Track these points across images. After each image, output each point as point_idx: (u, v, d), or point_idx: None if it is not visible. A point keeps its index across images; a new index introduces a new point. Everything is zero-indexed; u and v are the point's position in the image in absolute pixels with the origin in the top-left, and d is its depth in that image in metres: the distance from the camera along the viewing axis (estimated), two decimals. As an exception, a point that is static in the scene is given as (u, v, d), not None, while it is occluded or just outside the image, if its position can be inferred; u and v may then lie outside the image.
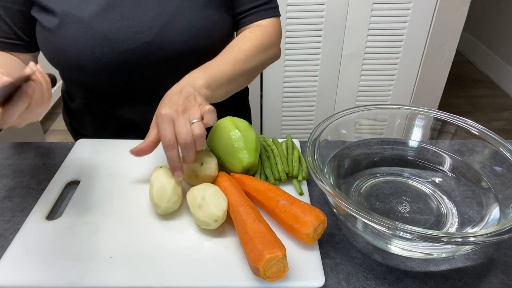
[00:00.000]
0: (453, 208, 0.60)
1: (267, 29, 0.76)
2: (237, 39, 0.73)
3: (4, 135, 1.72)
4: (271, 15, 0.78)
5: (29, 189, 0.66)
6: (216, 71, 0.65)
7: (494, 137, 0.62)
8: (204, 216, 0.54)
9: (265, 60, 0.75)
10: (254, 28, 0.76)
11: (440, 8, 1.54)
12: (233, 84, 0.69)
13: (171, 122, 0.55)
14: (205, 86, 0.62)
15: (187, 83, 0.61)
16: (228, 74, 0.66)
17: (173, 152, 0.55)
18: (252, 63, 0.71)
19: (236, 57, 0.69)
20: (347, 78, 1.71)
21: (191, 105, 0.57)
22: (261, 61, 0.74)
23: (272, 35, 0.76)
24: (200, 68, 0.65)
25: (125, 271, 0.50)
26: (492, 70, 2.78)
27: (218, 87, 0.65)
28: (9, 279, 0.49)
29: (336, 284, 0.51)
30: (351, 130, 0.69)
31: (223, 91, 0.67)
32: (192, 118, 0.56)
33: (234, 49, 0.70)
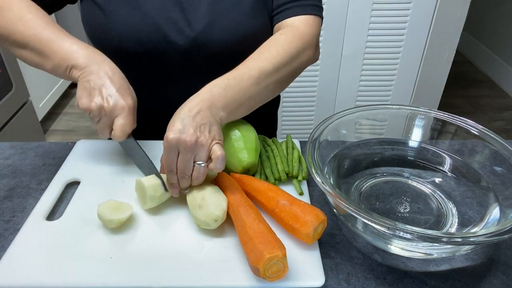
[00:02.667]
0: (453, 208, 0.60)
1: (300, 29, 0.68)
2: (266, 43, 0.66)
3: (4, 135, 1.72)
4: (308, 13, 0.70)
5: (29, 189, 0.66)
6: (238, 89, 0.60)
7: (494, 137, 0.62)
8: (204, 216, 0.54)
9: (297, 66, 0.67)
10: (287, 29, 0.68)
11: (440, 8, 1.54)
12: (256, 100, 0.63)
13: (176, 151, 0.54)
14: (224, 108, 0.58)
15: (206, 101, 0.56)
16: (251, 91, 0.61)
17: (173, 177, 0.56)
18: (281, 73, 0.64)
19: (262, 67, 0.62)
20: (347, 78, 1.71)
21: (202, 141, 0.54)
22: (292, 69, 0.66)
23: (306, 36, 0.68)
24: (222, 82, 0.59)
25: (124, 271, 0.50)
26: (492, 70, 2.78)
27: (238, 107, 0.60)
28: (9, 279, 0.49)
29: (336, 284, 0.51)
30: (351, 130, 0.69)
31: (243, 110, 0.62)
32: (198, 159, 0.55)
33: (261, 56, 0.64)
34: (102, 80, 0.57)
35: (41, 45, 0.60)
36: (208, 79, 0.60)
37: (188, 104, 0.56)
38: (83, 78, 0.58)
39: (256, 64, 0.62)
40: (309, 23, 0.70)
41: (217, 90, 0.58)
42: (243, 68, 0.62)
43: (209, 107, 0.56)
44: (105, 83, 0.57)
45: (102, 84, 0.57)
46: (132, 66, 0.71)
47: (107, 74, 0.58)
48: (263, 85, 0.62)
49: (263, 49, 0.65)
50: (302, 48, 0.67)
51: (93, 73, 0.58)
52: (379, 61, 1.68)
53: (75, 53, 0.59)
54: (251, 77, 0.61)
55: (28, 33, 0.60)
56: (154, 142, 0.74)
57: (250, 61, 0.63)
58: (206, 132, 0.54)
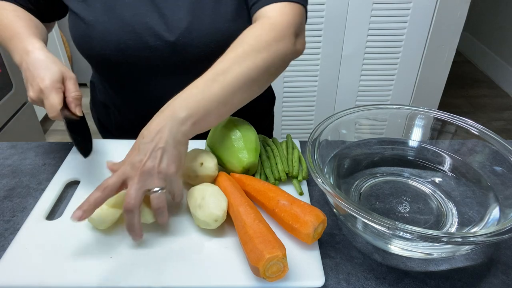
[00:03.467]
0: (453, 208, 0.60)
1: (272, 20, 0.62)
2: (234, 42, 0.61)
3: (4, 135, 1.72)
4: (280, 0, 0.63)
5: (29, 189, 0.66)
6: (201, 96, 0.55)
7: (494, 137, 0.62)
8: (204, 216, 0.54)
9: (270, 61, 0.60)
10: (258, 22, 0.63)
11: (440, 8, 1.54)
12: (228, 105, 0.58)
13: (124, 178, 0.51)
14: (187, 119, 0.53)
15: (167, 118, 0.53)
16: (218, 96, 0.55)
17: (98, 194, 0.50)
18: (251, 70, 0.58)
19: (226, 68, 0.57)
20: (347, 78, 1.71)
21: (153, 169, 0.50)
22: (264, 65, 0.59)
23: (278, 26, 0.61)
24: (185, 91, 0.56)
25: (124, 271, 0.50)
26: (492, 70, 2.78)
27: (205, 116, 0.55)
28: (9, 279, 0.49)
29: (336, 284, 0.51)
30: (351, 130, 0.69)
31: (213, 118, 0.57)
32: (151, 186, 0.51)
33: (226, 57, 0.59)
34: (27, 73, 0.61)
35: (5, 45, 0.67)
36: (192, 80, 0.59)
37: (150, 126, 0.53)
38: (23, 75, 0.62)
39: (220, 66, 0.57)
40: (284, 11, 0.63)
41: (178, 101, 0.55)
42: (207, 74, 0.57)
43: (170, 125, 0.52)
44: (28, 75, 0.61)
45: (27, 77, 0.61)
46: (116, 72, 0.72)
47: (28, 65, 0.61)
48: (231, 87, 0.56)
49: (230, 49, 0.60)
50: (273, 40, 0.60)
51: (23, 69, 0.62)
52: (379, 61, 1.68)
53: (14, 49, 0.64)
54: (216, 81, 0.56)
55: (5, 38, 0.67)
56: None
57: (215, 65, 0.58)
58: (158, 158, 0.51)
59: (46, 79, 0.59)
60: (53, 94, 0.59)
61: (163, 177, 0.51)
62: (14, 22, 0.67)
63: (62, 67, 0.62)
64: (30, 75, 0.60)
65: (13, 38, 0.65)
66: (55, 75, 0.60)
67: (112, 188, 0.50)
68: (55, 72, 0.60)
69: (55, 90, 0.59)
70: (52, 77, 0.59)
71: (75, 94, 0.62)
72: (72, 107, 0.61)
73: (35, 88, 0.59)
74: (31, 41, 0.64)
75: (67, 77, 0.62)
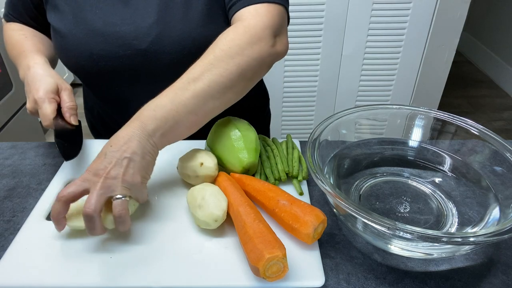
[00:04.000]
0: (453, 208, 0.60)
1: (246, 23, 0.60)
2: (208, 48, 0.59)
3: (4, 135, 1.72)
4: (257, 2, 0.61)
5: (29, 189, 0.66)
6: (169, 107, 0.53)
7: (494, 137, 0.62)
8: (204, 216, 0.54)
9: (244, 65, 0.57)
10: (232, 26, 0.61)
11: (440, 8, 1.54)
12: (200, 114, 0.56)
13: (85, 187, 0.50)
14: (155, 131, 0.53)
15: (136, 129, 0.52)
16: (188, 105, 0.54)
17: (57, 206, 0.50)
18: (222, 77, 0.56)
19: (197, 76, 0.55)
20: (347, 78, 1.71)
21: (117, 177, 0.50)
22: (238, 70, 0.57)
23: (253, 29, 0.59)
24: (154, 102, 0.54)
25: (125, 271, 0.50)
26: (492, 70, 2.78)
27: (174, 127, 0.54)
28: (9, 279, 0.49)
29: (336, 284, 0.51)
30: (351, 130, 0.69)
31: (184, 129, 0.56)
32: (113, 193, 0.50)
33: (196, 64, 0.57)
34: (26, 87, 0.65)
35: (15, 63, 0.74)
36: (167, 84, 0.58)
37: (118, 134, 0.52)
38: None
39: (191, 74, 0.55)
40: (258, 13, 0.60)
41: (146, 113, 0.53)
42: (178, 82, 0.56)
43: (139, 136, 0.52)
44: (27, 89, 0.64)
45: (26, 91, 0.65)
46: (93, 81, 0.74)
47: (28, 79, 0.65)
48: (202, 96, 0.55)
49: (202, 56, 0.58)
50: (247, 44, 0.57)
51: (25, 83, 0.66)
52: (379, 61, 1.68)
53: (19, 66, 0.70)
54: (186, 90, 0.54)
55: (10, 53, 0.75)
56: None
57: (186, 73, 0.56)
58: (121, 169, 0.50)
59: (40, 90, 0.62)
60: (45, 104, 0.61)
61: (128, 186, 0.50)
62: (20, 41, 0.73)
63: (58, 79, 0.65)
64: (28, 88, 0.64)
65: (20, 56, 0.71)
66: (49, 86, 0.63)
67: (68, 197, 0.50)
68: (49, 84, 0.63)
69: (48, 100, 0.62)
70: (45, 88, 0.63)
71: (70, 105, 0.64)
72: (67, 116, 0.64)
73: (31, 99, 0.63)
74: (33, 57, 0.68)
75: (62, 88, 0.65)
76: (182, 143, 0.73)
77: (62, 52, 0.71)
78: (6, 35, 0.77)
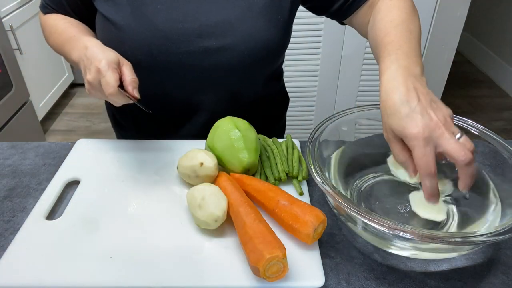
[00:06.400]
0: (453, 208, 0.60)
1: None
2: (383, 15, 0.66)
3: (4, 135, 1.72)
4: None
5: (29, 189, 0.66)
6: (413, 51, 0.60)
7: (494, 137, 0.62)
8: (204, 216, 0.54)
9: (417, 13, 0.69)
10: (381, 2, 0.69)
11: (440, 8, 1.54)
12: None
13: (433, 145, 0.49)
14: (421, 72, 0.57)
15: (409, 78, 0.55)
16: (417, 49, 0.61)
17: (433, 182, 0.49)
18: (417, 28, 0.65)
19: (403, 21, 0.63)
20: (347, 78, 1.71)
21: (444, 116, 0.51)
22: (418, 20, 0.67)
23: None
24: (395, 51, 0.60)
25: (125, 271, 0.50)
26: (492, 70, 2.78)
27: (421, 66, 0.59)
28: (9, 279, 0.49)
29: (336, 284, 0.51)
30: (351, 130, 0.69)
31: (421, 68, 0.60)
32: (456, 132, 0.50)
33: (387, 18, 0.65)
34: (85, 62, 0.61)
35: (62, 50, 0.72)
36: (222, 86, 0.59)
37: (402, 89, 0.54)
38: (81, 68, 0.63)
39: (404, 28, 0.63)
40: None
41: (402, 59, 0.57)
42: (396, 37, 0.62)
43: (414, 80, 0.54)
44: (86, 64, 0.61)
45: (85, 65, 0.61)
46: (147, 77, 0.72)
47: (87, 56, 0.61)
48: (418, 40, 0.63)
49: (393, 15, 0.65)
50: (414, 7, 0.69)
51: (83, 60, 0.62)
52: (379, 61, 1.67)
53: (73, 50, 0.66)
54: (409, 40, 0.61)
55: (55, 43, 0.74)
56: (149, 141, 0.74)
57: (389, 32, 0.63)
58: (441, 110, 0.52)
59: (103, 60, 0.59)
60: (109, 72, 0.58)
61: None
62: (67, 28, 0.72)
63: (118, 54, 0.62)
64: (87, 61, 0.61)
65: (70, 41, 0.69)
66: (112, 57, 0.60)
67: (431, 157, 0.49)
68: (111, 56, 0.61)
69: (111, 69, 0.59)
70: (108, 59, 0.60)
71: (132, 78, 0.61)
72: (129, 89, 0.61)
73: (93, 69, 0.59)
74: (89, 39, 0.66)
75: (123, 63, 0.62)
76: (182, 143, 0.73)
77: (116, 44, 0.70)
78: (48, 25, 0.76)
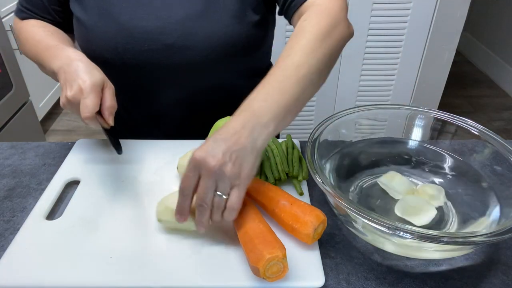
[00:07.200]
0: (453, 208, 0.60)
1: (324, 6, 0.61)
2: (293, 36, 0.58)
3: (4, 135, 1.72)
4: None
5: (29, 189, 0.66)
6: (279, 96, 0.52)
7: (494, 137, 0.62)
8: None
9: (332, 47, 0.58)
10: (309, 11, 0.61)
11: (440, 8, 1.54)
12: (301, 101, 0.55)
13: (197, 174, 0.48)
14: (271, 121, 0.50)
15: (249, 121, 0.49)
16: (294, 92, 0.53)
17: (185, 201, 0.50)
18: (317, 60, 0.56)
19: (296, 62, 0.54)
20: (347, 78, 1.71)
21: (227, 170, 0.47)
22: (328, 52, 0.58)
23: (333, 11, 0.61)
24: (260, 93, 0.52)
25: (125, 271, 0.50)
26: (492, 70, 2.78)
27: (286, 115, 0.52)
28: (9, 279, 0.49)
29: (336, 284, 0.51)
30: (351, 130, 0.69)
31: (292, 116, 0.54)
32: (219, 189, 0.48)
33: (291, 51, 0.56)
34: (67, 75, 0.59)
35: (39, 58, 0.68)
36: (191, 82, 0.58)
37: (228, 124, 0.50)
38: (59, 79, 0.61)
39: (289, 61, 0.55)
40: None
41: (257, 104, 0.51)
42: (277, 70, 0.54)
43: (252, 127, 0.49)
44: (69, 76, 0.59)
45: (66, 78, 0.59)
46: (117, 74, 0.72)
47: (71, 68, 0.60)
48: (304, 81, 0.54)
49: (291, 42, 0.57)
50: (331, 26, 0.59)
51: (63, 72, 0.60)
52: (379, 61, 1.67)
53: (53, 58, 0.63)
54: (289, 77, 0.53)
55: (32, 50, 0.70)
56: (149, 141, 0.74)
57: (281, 61, 0.56)
58: (237, 164, 0.47)
59: (87, 81, 0.58)
60: (91, 96, 0.57)
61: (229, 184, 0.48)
62: (47, 36, 0.70)
63: (103, 75, 0.61)
64: (70, 77, 0.59)
65: (50, 49, 0.66)
66: (97, 79, 0.59)
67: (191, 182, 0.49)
68: (97, 77, 0.60)
69: (94, 93, 0.58)
70: (94, 81, 0.59)
71: (111, 104, 0.60)
72: (105, 115, 0.60)
73: (75, 88, 0.58)
74: (73, 51, 0.64)
75: (107, 86, 0.61)
76: (182, 143, 0.73)
77: (86, 44, 0.71)
78: (25, 31, 0.73)
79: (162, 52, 0.70)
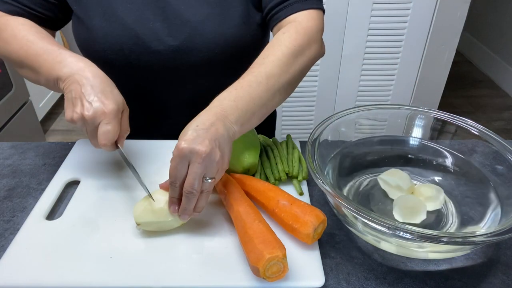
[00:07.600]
0: (453, 208, 0.60)
1: (303, 24, 0.64)
2: (269, 46, 0.63)
3: (4, 135, 1.72)
4: (309, 7, 0.66)
5: (29, 189, 0.66)
6: (248, 98, 0.56)
7: (494, 137, 0.62)
8: None
9: (304, 64, 0.63)
10: (289, 26, 0.65)
11: (440, 8, 1.54)
12: (268, 108, 0.59)
13: (187, 163, 0.50)
14: (237, 121, 0.54)
15: (218, 116, 0.53)
16: (262, 98, 0.57)
17: (175, 191, 0.52)
18: (289, 73, 0.61)
19: (269, 71, 0.59)
20: (347, 78, 1.71)
21: (216, 156, 0.50)
22: (300, 67, 0.62)
23: (310, 31, 0.64)
24: (231, 93, 0.56)
25: (125, 271, 0.50)
26: (492, 70, 2.78)
27: (251, 118, 0.57)
28: (9, 279, 0.49)
29: (336, 284, 0.51)
30: (351, 130, 0.69)
31: (256, 120, 0.58)
32: (208, 174, 0.50)
33: (266, 60, 0.60)
34: (83, 88, 0.55)
35: (31, 61, 0.61)
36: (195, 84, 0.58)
37: (200, 118, 0.52)
38: (67, 88, 0.57)
39: (263, 69, 0.59)
40: (312, 16, 0.66)
41: (227, 103, 0.54)
42: (249, 76, 0.58)
43: (222, 122, 0.52)
44: (86, 90, 0.55)
45: (82, 92, 0.55)
46: (120, 76, 0.71)
47: (88, 81, 0.55)
48: (273, 90, 0.59)
49: (267, 52, 0.62)
50: (307, 44, 0.63)
51: (74, 82, 0.56)
52: (379, 61, 1.67)
53: (58, 64, 0.58)
54: (260, 84, 0.57)
55: (21, 51, 0.62)
56: (149, 141, 0.74)
57: (255, 67, 0.60)
58: (220, 149, 0.51)
59: (110, 105, 0.55)
60: (114, 122, 0.55)
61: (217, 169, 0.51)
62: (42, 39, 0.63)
63: (122, 97, 0.59)
64: (87, 91, 0.55)
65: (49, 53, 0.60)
66: (120, 104, 0.57)
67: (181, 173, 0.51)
68: (119, 101, 0.57)
69: (117, 119, 0.56)
70: (118, 105, 0.56)
71: (126, 128, 0.59)
72: (120, 141, 0.58)
73: (95, 107, 0.54)
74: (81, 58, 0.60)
75: (124, 109, 0.59)
76: (182, 143, 0.73)
77: (87, 44, 0.70)
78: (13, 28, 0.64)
79: (168, 53, 0.69)
